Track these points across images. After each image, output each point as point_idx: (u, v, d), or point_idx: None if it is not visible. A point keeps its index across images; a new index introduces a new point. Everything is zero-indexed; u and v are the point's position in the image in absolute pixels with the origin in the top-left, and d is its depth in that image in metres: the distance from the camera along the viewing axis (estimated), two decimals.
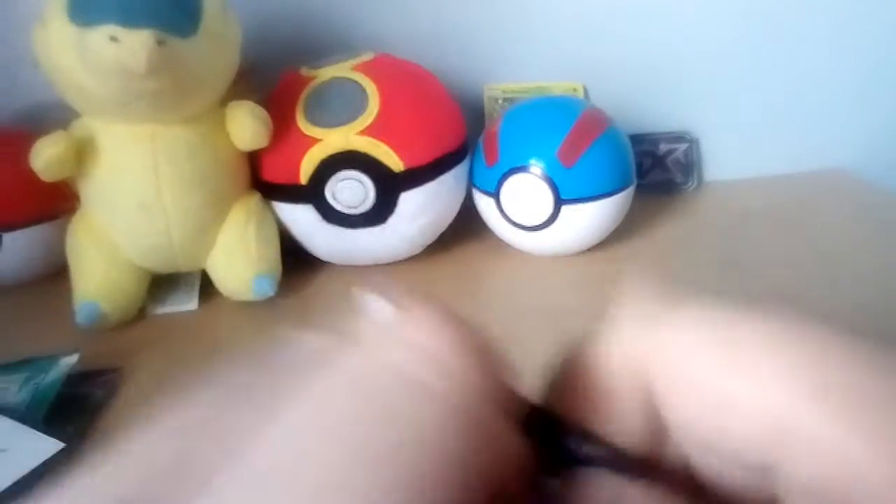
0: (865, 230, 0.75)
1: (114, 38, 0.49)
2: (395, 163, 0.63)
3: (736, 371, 0.13)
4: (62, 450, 0.46)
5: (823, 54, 0.85)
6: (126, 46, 0.49)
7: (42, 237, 0.67)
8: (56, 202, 0.64)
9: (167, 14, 0.51)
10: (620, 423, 0.14)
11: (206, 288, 0.66)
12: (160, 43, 0.50)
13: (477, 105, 0.82)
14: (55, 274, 0.65)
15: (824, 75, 0.86)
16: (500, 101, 0.81)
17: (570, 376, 0.16)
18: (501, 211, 0.68)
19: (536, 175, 0.65)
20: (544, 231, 0.67)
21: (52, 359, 0.54)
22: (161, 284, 0.66)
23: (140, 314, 0.63)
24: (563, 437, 0.15)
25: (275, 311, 0.64)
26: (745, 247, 0.73)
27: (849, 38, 0.84)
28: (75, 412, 0.52)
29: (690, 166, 0.84)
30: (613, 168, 0.67)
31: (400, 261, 0.70)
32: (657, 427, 0.14)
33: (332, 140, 0.63)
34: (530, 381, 0.17)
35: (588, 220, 0.67)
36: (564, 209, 0.65)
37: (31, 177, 0.57)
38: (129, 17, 0.49)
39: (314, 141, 0.63)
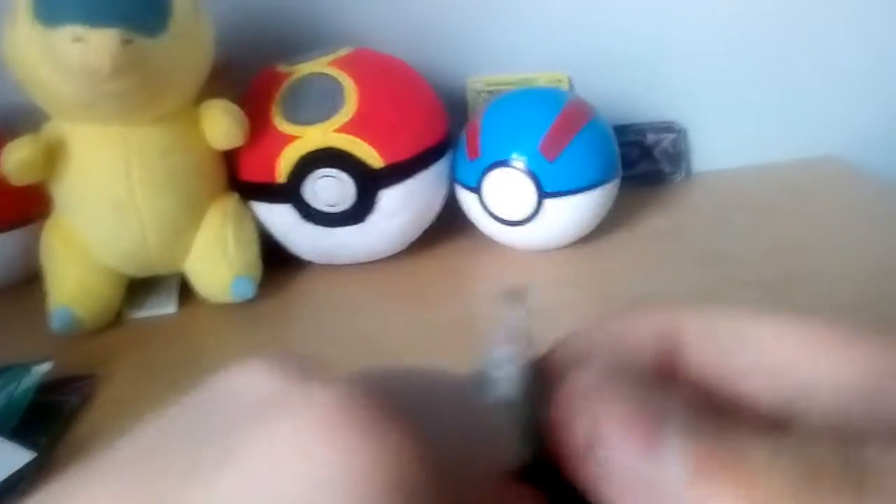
0: (857, 217, 0.74)
1: (78, 38, 0.48)
2: (373, 159, 0.62)
3: (757, 325, 0.16)
4: (33, 459, 0.45)
5: (811, 41, 0.84)
6: (90, 46, 0.48)
7: (16, 242, 0.65)
8: (29, 206, 0.63)
9: (133, 13, 0.50)
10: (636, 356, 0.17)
11: (186, 291, 0.65)
12: (126, 42, 0.49)
13: (460, 98, 0.80)
14: (31, 279, 0.64)
15: (812, 62, 0.84)
16: (483, 94, 0.80)
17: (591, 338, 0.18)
18: (484, 206, 0.67)
19: (519, 169, 0.64)
20: (528, 225, 0.66)
21: (25, 367, 0.53)
22: (139, 288, 0.65)
23: (117, 318, 0.62)
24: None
25: (255, 313, 0.63)
26: (735, 237, 0.72)
27: (837, 25, 0.83)
28: (49, 420, 0.51)
29: (678, 156, 0.83)
30: (597, 160, 0.66)
31: (382, 259, 0.69)
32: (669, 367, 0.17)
33: (310, 137, 0.62)
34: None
35: (572, 213, 0.66)
36: (548, 203, 0.64)
37: (2, 182, 0.56)
38: (94, 17, 0.48)
39: (291, 139, 0.62)
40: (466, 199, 0.69)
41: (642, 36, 0.81)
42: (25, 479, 0.45)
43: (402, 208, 0.65)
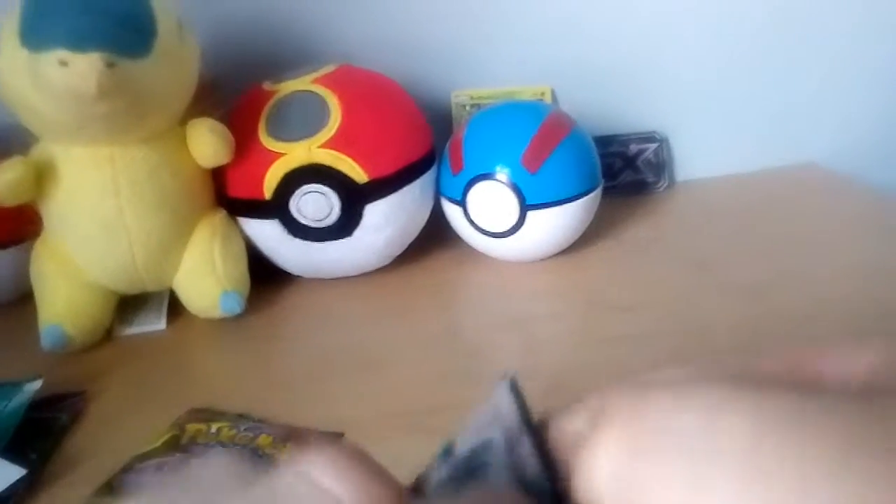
0: (839, 224, 0.75)
1: (63, 63, 0.49)
2: (358, 175, 0.63)
3: None
4: (25, 475, 0.46)
5: (792, 51, 0.85)
6: (75, 70, 0.49)
7: (6, 261, 0.66)
8: (20, 226, 0.64)
9: (117, 36, 0.51)
10: None
11: (175, 307, 0.66)
12: (110, 65, 0.50)
13: (445, 112, 0.82)
14: (21, 298, 0.65)
15: (793, 71, 0.86)
16: (467, 108, 0.81)
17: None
18: (469, 219, 0.68)
19: (502, 182, 0.65)
20: (512, 237, 0.67)
21: (16, 385, 0.54)
22: (129, 305, 0.65)
23: (107, 335, 0.63)
24: None
25: (244, 328, 0.64)
26: (719, 245, 0.73)
27: (815, 35, 0.84)
28: (40, 437, 0.51)
29: (661, 166, 0.84)
30: (578, 171, 0.67)
31: (369, 272, 0.70)
32: None
33: (295, 154, 0.63)
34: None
35: (555, 224, 0.67)
36: (530, 215, 0.65)
37: None
38: (78, 41, 0.49)
39: (277, 155, 0.63)
40: (451, 212, 0.70)
41: (624, 48, 0.83)
42: (17, 495, 0.45)
43: (387, 222, 0.66)
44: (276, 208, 0.64)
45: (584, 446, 0.16)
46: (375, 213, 0.65)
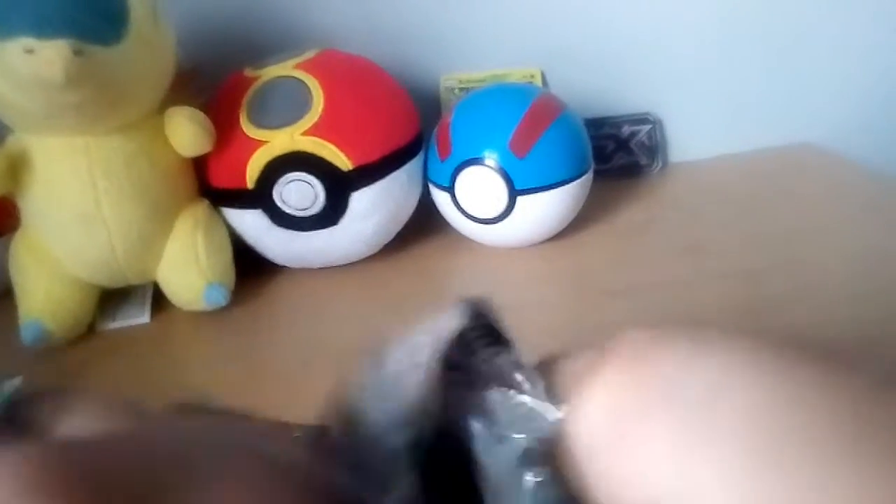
0: (835, 204, 0.74)
1: (29, 50, 0.47)
2: (342, 162, 0.62)
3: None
4: None
5: (784, 30, 0.83)
6: (41, 58, 0.47)
7: None
8: None
9: (85, 23, 0.49)
10: None
11: (159, 300, 0.64)
12: (77, 53, 0.48)
13: (434, 97, 0.80)
14: (1, 293, 0.64)
15: (786, 49, 0.84)
16: (456, 92, 0.79)
17: None
18: (457, 205, 0.66)
19: (490, 167, 0.64)
20: (501, 223, 0.65)
21: None
22: (112, 298, 0.64)
23: (90, 330, 0.62)
24: None
25: (229, 320, 0.63)
26: (714, 227, 0.71)
27: (810, 14, 0.83)
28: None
29: (654, 148, 0.83)
30: (568, 155, 0.65)
31: (357, 261, 0.69)
32: None
33: (277, 142, 0.61)
34: None
35: (545, 209, 0.65)
36: (520, 200, 0.64)
37: None
38: (44, 28, 0.47)
39: (259, 143, 0.62)
40: (440, 199, 0.68)
41: (615, 29, 0.81)
42: None
43: (374, 210, 0.65)
44: (260, 197, 0.63)
45: (586, 382, 0.16)
46: (362, 201, 0.63)
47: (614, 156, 0.82)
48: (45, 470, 0.12)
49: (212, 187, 0.65)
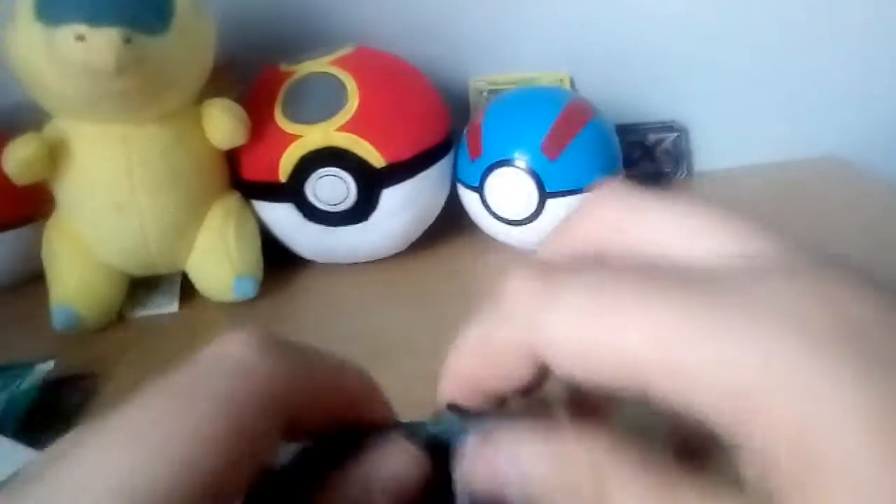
0: (858, 216, 0.74)
1: (80, 37, 0.48)
2: (375, 158, 0.62)
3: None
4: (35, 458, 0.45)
5: (812, 41, 0.83)
6: (92, 45, 0.48)
7: (18, 241, 0.65)
8: (31, 205, 0.63)
9: (135, 12, 0.50)
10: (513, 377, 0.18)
11: (187, 289, 0.65)
12: (127, 41, 0.49)
13: (462, 98, 0.80)
14: (33, 278, 0.64)
15: (813, 61, 0.84)
16: (485, 94, 0.80)
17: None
18: (486, 205, 0.67)
19: (521, 168, 0.64)
20: (530, 225, 0.66)
21: (28, 366, 0.53)
22: (141, 287, 0.65)
23: (119, 317, 0.62)
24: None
25: (256, 312, 0.63)
26: None
27: (838, 25, 0.83)
28: (51, 419, 0.51)
29: (680, 156, 0.83)
30: (599, 160, 0.65)
31: (384, 258, 0.69)
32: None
33: (312, 137, 0.62)
34: None
35: None
36: (550, 202, 0.64)
37: (5, 180, 0.56)
38: (96, 16, 0.48)
39: (293, 138, 0.62)
40: (468, 199, 0.69)
41: (644, 35, 0.81)
42: None
43: (404, 207, 0.65)
44: (292, 192, 0.63)
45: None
46: (392, 198, 0.64)
47: (639, 163, 0.82)
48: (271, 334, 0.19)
49: (244, 180, 0.65)
